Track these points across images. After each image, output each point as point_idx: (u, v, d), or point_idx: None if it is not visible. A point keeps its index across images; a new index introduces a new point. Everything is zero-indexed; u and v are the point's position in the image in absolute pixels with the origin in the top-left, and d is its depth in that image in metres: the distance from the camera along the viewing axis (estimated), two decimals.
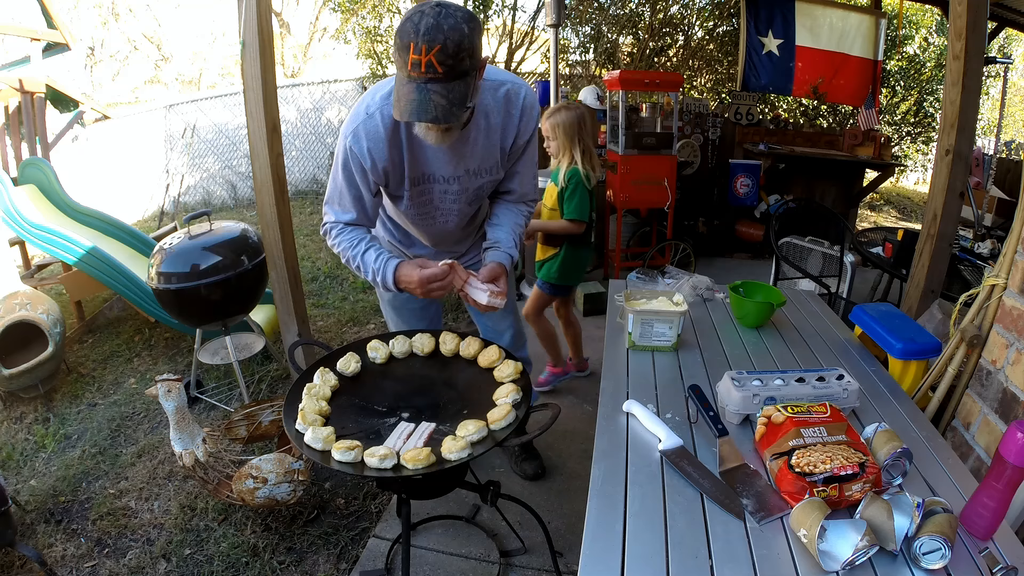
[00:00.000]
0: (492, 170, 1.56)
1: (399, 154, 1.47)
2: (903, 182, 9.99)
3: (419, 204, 1.59)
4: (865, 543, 0.85)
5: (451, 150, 1.46)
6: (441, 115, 1.21)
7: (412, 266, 1.47)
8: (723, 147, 5.24)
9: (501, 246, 1.59)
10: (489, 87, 1.45)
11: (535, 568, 1.81)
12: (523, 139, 1.54)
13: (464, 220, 1.69)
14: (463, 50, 1.18)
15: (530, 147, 1.59)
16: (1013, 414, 1.28)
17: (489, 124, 1.48)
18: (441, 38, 1.16)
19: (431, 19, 1.16)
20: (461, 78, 1.22)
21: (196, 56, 12.49)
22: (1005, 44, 7.89)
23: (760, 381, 1.26)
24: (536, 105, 1.54)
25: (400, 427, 1.33)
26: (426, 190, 1.56)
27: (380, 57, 6.70)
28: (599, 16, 6.24)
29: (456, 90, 1.21)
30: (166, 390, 1.80)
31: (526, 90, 1.51)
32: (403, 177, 1.51)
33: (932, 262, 2.52)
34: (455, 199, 1.59)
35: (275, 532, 1.98)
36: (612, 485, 1.05)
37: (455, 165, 1.50)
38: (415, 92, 1.20)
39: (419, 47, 1.16)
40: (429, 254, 1.79)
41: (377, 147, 1.43)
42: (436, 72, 1.18)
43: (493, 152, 1.53)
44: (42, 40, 4.92)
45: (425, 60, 1.17)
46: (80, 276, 3.37)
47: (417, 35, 1.16)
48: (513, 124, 1.50)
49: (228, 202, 7.46)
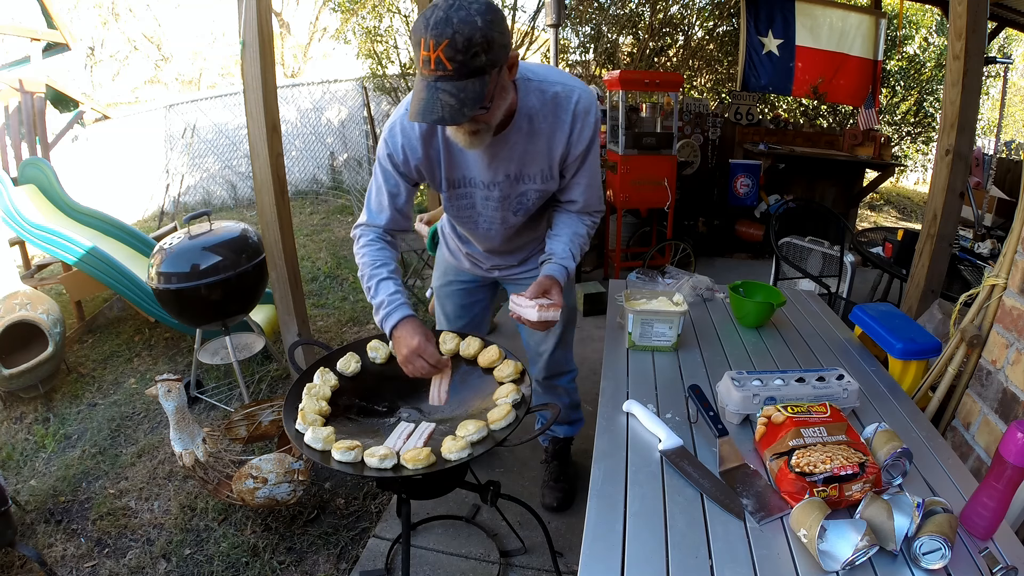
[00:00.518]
0: (537, 178, 1.45)
1: (436, 153, 1.40)
2: (903, 182, 9.99)
3: (459, 207, 1.53)
4: (865, 543, 0.85)
5: (488, 154, 1.37)
6: (448, 115, 1.12)
7: (415, 332, 1.39)
8: (723, 147, 5.24)
9: (555, 258, 1.48)
10: (536, 88, 1.34)
11: (535, 568, 1.81)
12: (578, 148, 1.41)
13: (510, 230, 1.60)
14: (475, 45, 1.08)
15: (590, 156, 1.44)
16: (1013, 414, 1.28)
17: (533, 128, 1.36)
18: (450, 32, 1.06)
19: (441, 12, 1.07)
20: (476, 75, 1.12)
21: (196, 56, 12.48)
22: (1005, 44, 7.89)
23: (760, 381, 1.26)
24: (593, 111, 1.39)
25: (400, 427, 1.33)
26: (466, 194, 1.49)
27: (380, 57, 6.70)
28: (599, 16, 6.25)
29: (469, 89, 1.12)
30: (166, 390, 1.80)
31: (581, 93, 1.37)
32: (440, 178, 1.44)
33: (932, 262, 2.52)
34: (496, 206, 1.50)
35: (275, 532, 1.98)
36: (612, 485, 1.05)
37: (494, 170, 1.41)
38: (425, 91, 1.13)
39: (428, 42, 1.08)
40: (480, 255, 1.75)
41: (411, 144, 1.38)
42: (445, 69, 1.09)
43: (538, 159, 1.41)
44: (42, 40, 4.93)
45: (434, 56, 1.08)
46: (80, 276, 3.37)
47: (427, 29, 1.08)
48: (563, 131, 1.37)
49: (228, 202, 7.46)
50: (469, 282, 1.87)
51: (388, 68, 6.74)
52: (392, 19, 6.63)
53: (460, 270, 1.85)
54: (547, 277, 1.43)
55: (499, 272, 1.80)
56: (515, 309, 1.38)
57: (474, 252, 1.76)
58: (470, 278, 1.86)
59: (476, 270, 1.82)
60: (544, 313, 1.34)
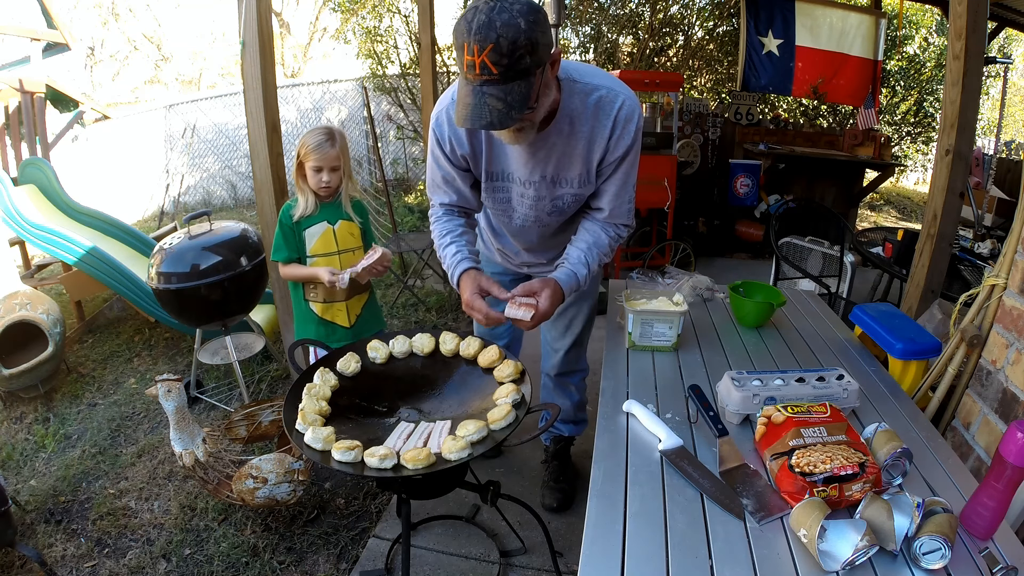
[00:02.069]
0: (574, 182, 1.44)
1: (479, 145, 1.41)
2: (903, 182, 9.99)
3: (496, 200, 1.54)
4: (865, 543, 0.85)
5: (528, 151, 1.38)
6: (497, 120, 1.13)
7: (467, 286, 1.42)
8: (723, 147, 5.24)
9: (567, 263, 1.48)
10: (580, 90, 1.33)
11: (535, 568, 1.81)
12: (615, 155, 1.38)
13: (547, 231, 1.60)
14: (519, 48, 1.07)
15: (624, 164, 1.42)
16: (1013, 414, 1.28)
17: (574, 130, 1.35)
18: (494, 36, 1.06)
19: (484, 15, 1.06)
20: (521, 78, 1.11)
21: (196, 56, 12.48)
22: (1005, 44, 7.89)
23: (760, 381, 1.26)
24: (635, 119, 1.37)
25: (400, 427, 1.33)
26: (503, 187, 1.50)
27: (380, 57, 6.70)
28: (599, 16, 6.24)
29: (515, 91, 1.12)
30: (166, 390, 1.80)
31: (625, 99, 1.35)
32: (481, 169, 1.46)
33: (932, 262, 2.52)
34: (532, 205, 1.50)
35: (275, 532, 1.98)
36: (612, 485, 1.05)
37: (531, 168, 1.41)
38: (471, 96, 1.13)
39: (471, 47, 1.07)
40: (512, 250, 1.76)
41: (456, 136, 1.39)
42: (491, 74, 1.09)
43: (575, 162, 1.40)
44: (42, 40, 4.93)
45: (479, 61, 1.08)
46: (80, 276, 3.37)
47: (469, 34, 1.07)
48: (603, 136, 1.36)
49: (228, 202, 7.47)
50: (501, 274, 1.88)
51: (388, 68, 6.74)
52: (392, 19, 6.62)
53: (491, 261, 1.87)
54: (543, 280, 1.43)
55: (528, 269, 1.82)
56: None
57: (506, 248, 1.77)
58: (501, 271, 1.88)
59: (507, 264, 1.84)
60: (513, 310, 1.37)
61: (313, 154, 1.92)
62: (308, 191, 1.99)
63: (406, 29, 6.58)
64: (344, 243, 2.07)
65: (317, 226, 2.02)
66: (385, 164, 6.96)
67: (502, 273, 1.88)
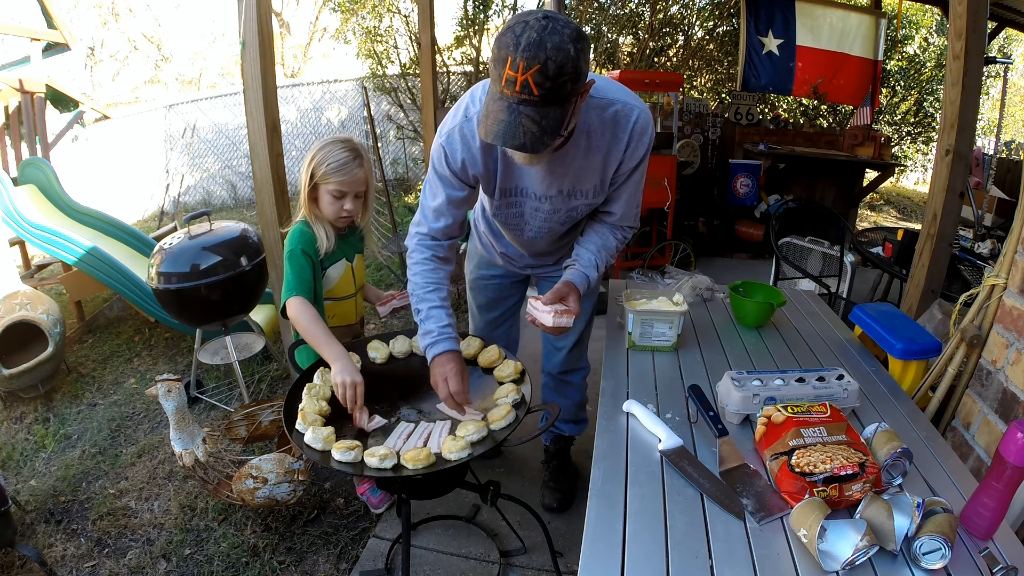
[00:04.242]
0: (589, 193, 1.45)
1: (493, 163, 1.39)
2: (903, 182, 9.99)
3: (507, 215, 1.53)
4: (865, 543, 0.85)
5: (545, 168, 1.37)
6: (530, 143, 1.10)
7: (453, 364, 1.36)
8: (723, 147, 5.24)
9: (579, 264, 1.49)
10: (596, 105, 1.32)
11: (535, 568, 1.81)
12: (629, 165, 1.40)
13: (555, 237, 1.62)
14: (565, 73, 1.05)
15: (636, 173, 1.44)
16: (1013, 414, 1.28)
17: (591, 145, 1.35)
18: (543, 56, 1.03)
19: (535, 33, 1.04)
20: (559, 104, 1.09)
21: (196, 56, 12.48)
22: (1005, 44, 7.89)
23: (760, 381, 1.26)
24: (649, 131, 1.38)
25: (400, 427, 1.33)
26: (516, 203, 1.49)
27: (380, 57, 6.70)
28: (599, 16, 6.24)
29: (551, 116, 1.09)
30: (166, 390, 1.80)
31: (640, 112, 1.35)
32: (494, 187, 1.44)
33: (932, 262, 2.52)
34: (546, 218, 1.51)
35: (275, 532, 1.98)
36: (612, 485, 1.05)
37: (548, 184, 1.41)
38: (505, 112, 1.09)
39: (516, 63, 1.04)
40: (516, 255, 1.76)
41: (471, 154, 1.36)
42: (532, 94, 1.06)
43: (591, 175, 1.41)
44: (42, 40, 4.92)
45: (521, 79, 1.05)
46: (80, 276, 3.37)
47: (517, 49, 1.04)
48: (619, 149, 1.36)
49: (228, 202, 7.46)
50: (502, 277, 1.88)
51: (388, 68, 6.74)
52: (392, 19, 6.63)
53: (492, 264, 1.87)
54: (566, 283, 1.43)
55: (532, 271, 1.83)
56: (531, 312, 1.39)
57: (509, 252, 1.77)
58: (503, 272, 1.88)
59: (509, 266, 1.84)
60: (559, 319, 1.35)
61: (335, 176, 1.57)
62: (324, 222, 1.64)
63: (406, 29, 6.58)
64: (359, 280, 1.83)
65: (338, 264, 1.71)
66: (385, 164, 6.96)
67: (503, 275, 1.88)
